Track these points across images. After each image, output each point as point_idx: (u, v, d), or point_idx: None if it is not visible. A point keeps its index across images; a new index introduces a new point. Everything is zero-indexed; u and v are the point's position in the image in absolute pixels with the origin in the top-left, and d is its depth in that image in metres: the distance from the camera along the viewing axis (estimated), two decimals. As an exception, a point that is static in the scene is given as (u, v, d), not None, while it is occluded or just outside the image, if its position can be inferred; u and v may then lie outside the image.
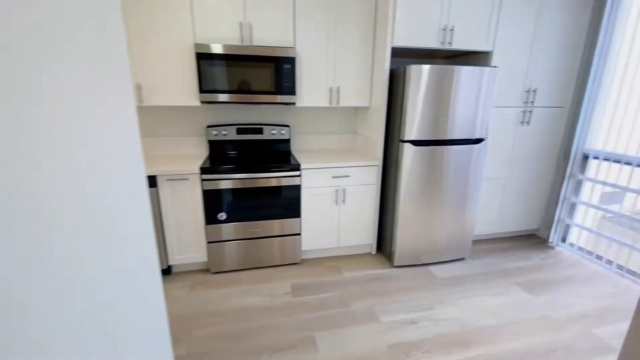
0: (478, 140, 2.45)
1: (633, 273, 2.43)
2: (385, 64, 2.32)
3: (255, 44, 2.34)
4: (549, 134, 2.87)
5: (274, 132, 2.77)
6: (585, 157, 2.76)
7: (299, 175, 2.39)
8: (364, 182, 2.54)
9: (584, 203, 2.80)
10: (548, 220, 3.09)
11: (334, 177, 2.45)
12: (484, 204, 2.90)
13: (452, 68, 2.22)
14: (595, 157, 2.67)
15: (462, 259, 2.72)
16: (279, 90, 2.40)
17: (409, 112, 2.24)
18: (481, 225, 2.96)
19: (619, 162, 2.51)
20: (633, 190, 2.41)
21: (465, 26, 2.36)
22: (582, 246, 2.84)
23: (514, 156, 2.84)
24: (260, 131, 2.75)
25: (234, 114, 2.77)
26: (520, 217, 3.07)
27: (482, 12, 2.37)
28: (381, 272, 2.51)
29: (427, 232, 2.52)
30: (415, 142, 2.31)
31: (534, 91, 2.69)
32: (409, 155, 2.32)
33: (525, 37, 2.53)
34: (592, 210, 2.77)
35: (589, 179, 2.75)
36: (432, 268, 2.58)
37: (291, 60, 2.36)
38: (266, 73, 2.35)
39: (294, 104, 2.49)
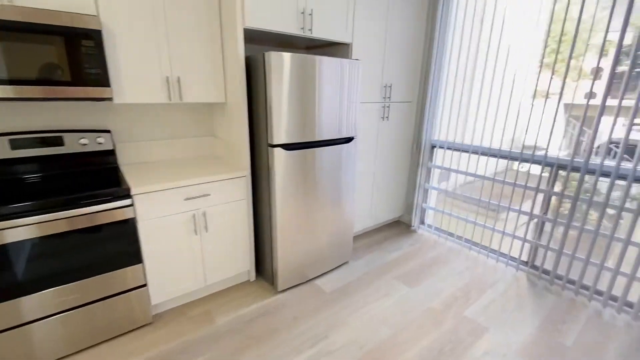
0: (348, 139, 2.30)
1: (476, 244, 2.85)
2: (238, 48, 1.83)
3: (27, 4, 1.43)
4: (404, 127, 3.05)
5: (84, 141, 1.87)
6: (433, 147, 3.06)
7: (130, 205, 1.65)
8: (231, 198, 2.01)
9: (433, 187, 3.14)
10: (409, 207, 3.36)
11: (187, 199, 1.83)
12: (358, 200, 2.85)
13: (313, 58, 1.93)
14: (441, 147, 2.99)
15: (345, 263, 2.59)
16: (77, 80, 1.56)
17: (274, 110, 1.84)
18: (358, 221, 2.92)
19: (458, 150, 2.86)
20: (466, 173, 2.80)
21: (325, 11, 2.12)
22: (438, 226, 3.19)
23: (379, 150, 2.88)
24: (59, 142, 1.81)
25: (12, 118, 1.72)
26: (388, 207, 3.20)
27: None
28: (264, 305, 2.07)
29: (309, 241, 2.24)
30: (286, 146, 1.94)
31: (390, 87, 2.76)
32: (280, 161, 1.94)
33: (379, 32, 2.52)
34: (441, 193, 3.13)
35: (436, 166, 3.07)
36: (319, 282, 2.33)
37: (94, 35, 1.56)
38: (52, 52, 1.48)
39: (109, 99, 1.70)
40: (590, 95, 2.02)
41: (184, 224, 1.85)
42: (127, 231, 1.67)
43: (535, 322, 1.97)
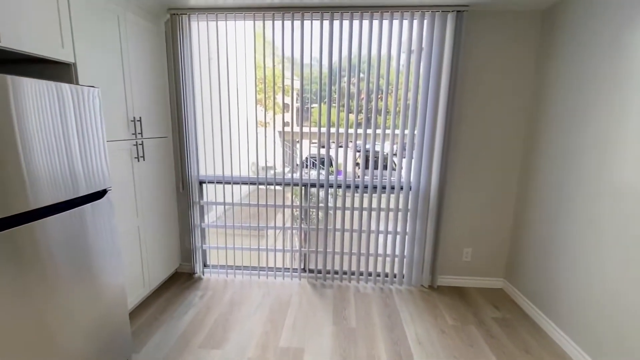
0: (98, 194, 1.67)
1: (262, 268, 2.95)
2: None
3: None
4: (165, 166, 2.64)
5: None
6: (201, 183, 2.86)
7: None
8: None
9: (211, 225, 2.95)
10: (187, 253, 2.96)
11: None
12: (126, 268, 2.15)
13: (3, 78, 1.23)
14: (210, 182, 2.85)
15: (125, 361, 1.86)
16: None
17: None
18: (129, 294, 2.20)
19: (221, 182, 2.83)
20: (241, 204, 2.86)
21: (15, 7, 1.40)
22: (223, 263, 3.02)
23: (140, 198, 2.32)
24: None
25: None
26: (163, 262, 2.66)
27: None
28: None
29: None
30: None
31: (139, 120, 2.29)
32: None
33: (114, 58, 2.01)
34: (219, 229, 2.99)
35: (210, 203, 2.91)
36: (88, 416, 1.51)
37: None
38: None
39: None
40: (284, 124, 2.66)
41: None
42: None
43: (330, 319, 2.31)
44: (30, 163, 1.30)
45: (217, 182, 2.82)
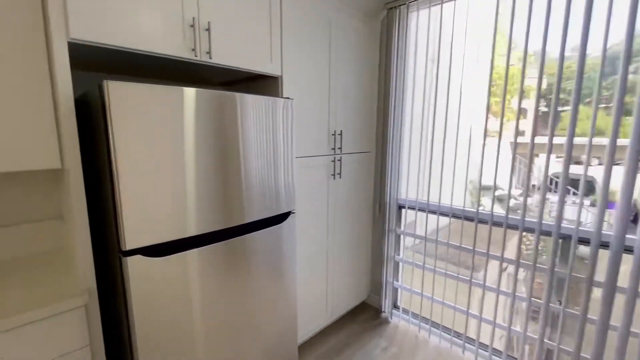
0: (284, 216, 1.51)
1: (471, 340, 2.07)
2: (57, 75, 1.00)
3: None
4: (363, 185, 2.34)
5: None
6: (400, 208, 2.36)
7: None
8: (45, 357, 1.04)
9: (406, 261, 2.38)
10: (376, 285, 2.56)
11: None
12: (306, 293, 1.99)
13: (232, 96, 1.19)
14: (410, 207, 2.29)
15: (289, 405, 1.64)
16: None
17: (122, 184, 0.99)
18: (306, 322, 2.03)
19: (424, 210, 2.18)
20: (449, 244, 2.09)
21: (232, 27, 1.40)
22: (417, 311, 2.38)
23: (333, 219, 2.11)
24: None
25: None
26: (350, 291, 2.37)
27: (254, 14, 1.50)
28: None
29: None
30: (159, 249, 1.08)
31: (340, 134, 2.07)
32: (148, 283, 1.05)
33: (319, 66, 1.87)
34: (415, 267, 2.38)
35: (407, 234, 2.35)
36: None
37: None
38: None
39: None
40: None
41: None
42: None
43: None
44: (247, 177, 1.28)
45: (420, 210, 2.22)
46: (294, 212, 1.55)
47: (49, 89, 1.15)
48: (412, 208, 2.27)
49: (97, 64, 1.35)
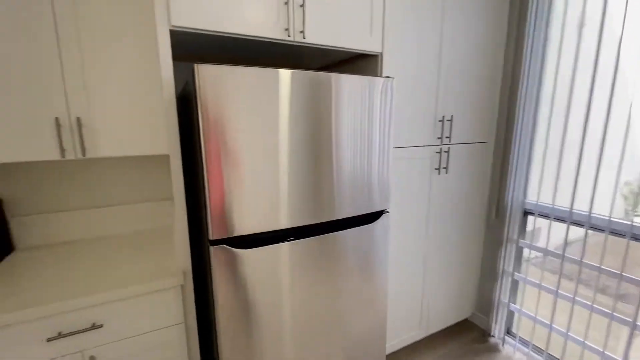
0: (376, 215, 1.32)
1: (626, 405, 1.51)
2: (161, 63, 1.03)
3: None
4: (475, 182, 1.94)
5: (-59, 221, 1.19)
6: (526, 214, 1.88)
7: None
8: (148, 327, 1.13)
9: (530, 282, 1.89)
10: (485, 304, 2.13)
11: (51, 339, 0.98)
12: (398, 300, 1.77)
13: (327, 77, 1.07)
14: (541, 214, 1.79)
15: (372, 423, 1.48)
16: None
17: (211, 168, 0.97)
18: (396, 333, 1.81)
19: (564, 220, 1.65)
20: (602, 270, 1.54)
21: (327, 0, 1.25)
22: (540, 346, 1.89)
23: (433, 220, 1.81)
24: None
25: None
26: (449, 305, 2.03)
27: (358, -18, 1.31)
28: None
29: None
30: (254, 239, 1.04)
31: (449, 121, 1.73)
32: (232, 274, 1.03)
33: (427, 37, 1.57)
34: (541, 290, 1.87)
35: (535, 247, 1.85)
36: None
37: None
38: None
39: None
40: None
41: (49, 382, 1.00)
42: None
43: None
44: (339, 168, 1.18)
45: (556, 219, 1.71)
46: (388, 211, 1.35)
47: (159, 77, 1.23)
48: (545, 216, 1.76)
49: (186, 57, 1.40)
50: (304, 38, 1.21)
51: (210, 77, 0.92)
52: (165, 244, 1.41)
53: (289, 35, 1.18)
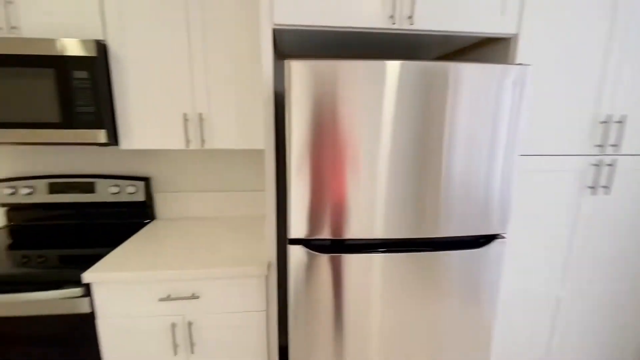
0: (488, 238, 1.06)
1: None
2: (262, 60, 1.06)
3: (23, 34, 1.22)
4: (657, 211, 1.36)
5: (114, 189, 1.57)
6: None
7: (83, 295, 1.13)
8: (236, 307, 1.21)
9: None
10: (657, 385, 1.50)
11: (162, 299, 1.16)
12: (501, 351, 1.41)
13: (444, 67, 0.93)
14: None
15: None
16: (67, 121, 1.22)
17: (294, 162, 0.94)
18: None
19: None
20: None
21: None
22: None
23: (581, 253, 1.36)
24: (90, 188, 1.58)
25: (47, 159, 1.63)
26: (593, 371, 1.51)
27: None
28: None
29: None
30: (339, 245, 0.98)
31: (620, 122, 1.25)
32: (303, 279, 0.99)
33: (588, 6, 1.15)
34: None
35: None
36: None
37: (90, 64, 1.19)
38: (41, 88, 1.21)
39: (106, 144, 1.30)
40: None
41: (160, 335, 1.20)
42: (83, 330, 1.17)
43: None
44: (449, 179, 1.02)
45: None
46: (504, 236, 1.06)
47: (260, 75, 1.29)
48: None
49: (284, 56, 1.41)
50: (411, 24, 1.05)
51: (303, 73, 0.89)
52: (261, 230, 1.51)
53: (394, 23, 1.05)
